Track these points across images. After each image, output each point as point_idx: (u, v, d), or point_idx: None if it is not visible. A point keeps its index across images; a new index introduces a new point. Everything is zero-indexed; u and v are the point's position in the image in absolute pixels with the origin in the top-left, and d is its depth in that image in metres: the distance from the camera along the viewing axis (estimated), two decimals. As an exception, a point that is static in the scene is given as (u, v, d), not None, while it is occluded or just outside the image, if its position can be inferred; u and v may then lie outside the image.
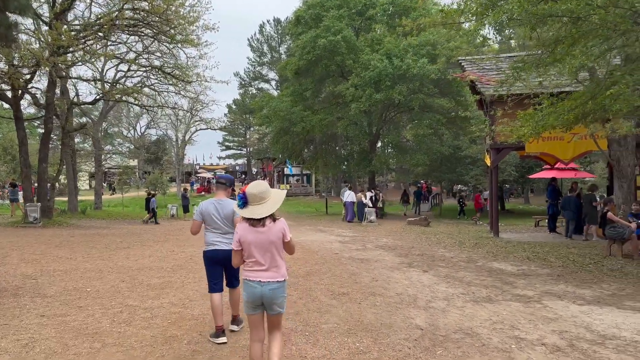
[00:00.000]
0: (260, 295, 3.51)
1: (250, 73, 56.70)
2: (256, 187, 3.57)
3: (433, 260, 9.43)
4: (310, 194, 45.82)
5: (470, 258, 9.71)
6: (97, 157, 26.78)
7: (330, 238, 13.88)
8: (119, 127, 65.64)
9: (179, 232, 16.61)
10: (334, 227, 18.41)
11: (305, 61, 24.60)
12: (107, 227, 18.42)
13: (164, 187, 37.43)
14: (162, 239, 13.83)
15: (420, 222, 20.46)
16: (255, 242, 3.52)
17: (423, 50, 23.16)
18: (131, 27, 17.52)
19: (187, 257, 9.76)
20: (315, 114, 25.73)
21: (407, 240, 13.44)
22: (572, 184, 15.88)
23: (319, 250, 10.93)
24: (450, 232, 16.52)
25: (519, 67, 8.29)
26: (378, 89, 22.88)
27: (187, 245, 12.02)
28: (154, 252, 10.77)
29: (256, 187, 3.58)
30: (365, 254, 10.20)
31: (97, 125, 26.26)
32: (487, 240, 12.95)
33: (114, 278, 7.66)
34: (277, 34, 54.53)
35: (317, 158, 30.49)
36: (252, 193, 3.53)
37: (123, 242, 13.00)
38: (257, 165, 72.20)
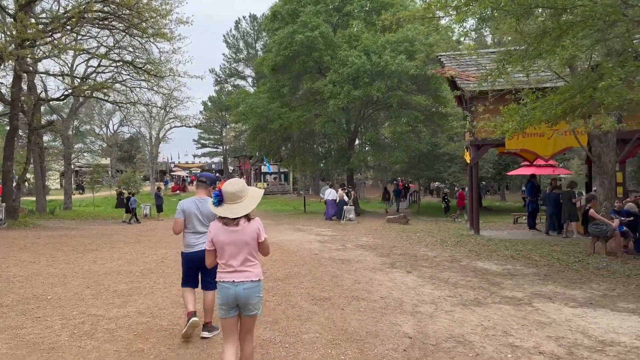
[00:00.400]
0: (234, 295, 3.38)
1: (226, 69, 55.76)
2: (233, 185, 3.46)
3: (416, 260, 9.14)
4: (288, 192, 45.36)
5: (454, 257, 9.46)
6: (67, 155, 25.77)
7: (309, 237, 13.50)
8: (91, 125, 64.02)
9: (151, 232, 15.99)
10: (312, 226, 18.04)
11: (282, 57, 24.13)
12: (77, 228, 17.65)
13: (137, 186, 36.41)
14: (133, 240, 13.22)
15: (400, 220, 20.26)
16: (229, 242, 3.41)
17: (401, 47, 22.94)
18: (101, 20, 16.77)
19: (158, 260, 9.24)
20: (292, 111, 25.29)
21: (387, 239, 13.16)
22: (551, 181, 15.87)
23: (297, 250, 10.54)
24: (430, 229, 16.33)
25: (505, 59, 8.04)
26: (356, 85, 22.58)
27: (159, 247, 11.47)
28: (123, 254, 10.20)
29: (233, 185, 3.46)
30: (345, 254, 9.85)
31: (66, 123, 25.25)
32: (469, 239, 12.76)
33: (79, 284, 7.12)
34: (253, 30, 53.73)
35: (295, 156, 30.07)
36: (228, 191, 3.41)
37: (92, 244, 12.37)
38: (234, 163, 71.25)
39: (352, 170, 27.43)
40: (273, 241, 12.36)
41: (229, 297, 3.39)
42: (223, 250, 3.43)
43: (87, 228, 17.60)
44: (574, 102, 7.01)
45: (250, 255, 3.45)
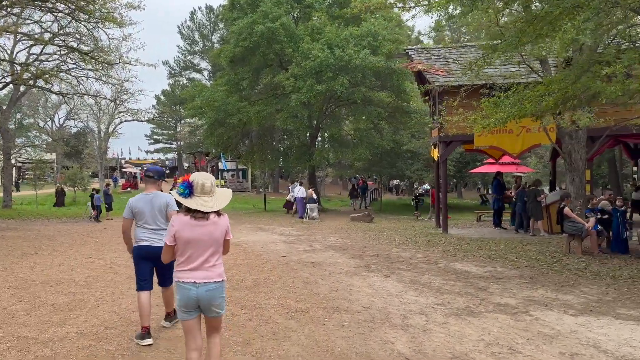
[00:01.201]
0: (195, 298, 3.16)
1: (181, 62, 53.77)
2: (206, 178, 3.25)
3: (391, 262, 8.56)
4: (246, 190, 44.19)
5: (429, 258, 8.95)
6: (6, 149, 23.72)
7: (273, 238, 12.72)
8: (35, 118, 60.48)
9: (99, 233, 14.73)
10: (275, 225, 17.25)
11: (241, 48, 23.10)
12: (15, 228, 16.10)
13: (84, 183, 34.27)
14: (78, 242, 12.02)
15: (364, 218, 19.79)
16: (195, 238, 3.17)
17: (365, 41, 22.43)
18: (43, 1, 15.29)
19: (105, 266, 8.23)
20: (252, 105, 24.33)
21: (355, 238, 12.57)
22: (516, 179, 15.79)
23: (263, 252, 9.75)
24: (396, 228, 15.91)
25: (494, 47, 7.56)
26: (319, 80, 21.89)
27: (107, 250, 10.39)
28: (66, 259, 9.10)
29: (205, 178, 3.26)
30: (315, 256, 9.16)
31: (5, 114, 23.22)
32: (439, 237, 12.36)
33: (10, 296, 6.08)
34: (209, 22, 52.01)
35: (254, 152, 29.07)
36: (201, 183, 3.19)
37: (31, 246, 11.10)
38: (189, 159, 69.14)
39: (314, 167, 26.75)
40: (235, 242, 11.50)
41: (189, 299, 3.16)
42: (186, 247, 3.18)
43: (27, 228, 16.08)
44: (567, 93, 6.63)
45: (214, 254, 3.24)
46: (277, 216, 22.10)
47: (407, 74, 23.64)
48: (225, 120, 24.23)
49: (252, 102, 24.86)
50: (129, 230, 4.72)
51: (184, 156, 72.31)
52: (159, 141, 71.26)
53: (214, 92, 25.12)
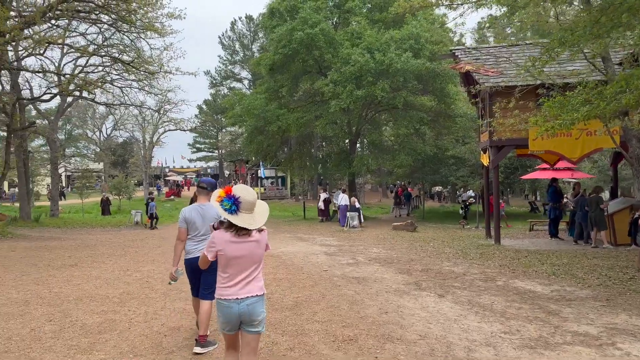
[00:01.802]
0: (237, 314, 3.14)
1: (222, 72, 54.43)
2: (250, 194, 3.23)
3: (443, 278, 7.86)
4: (285, 197, 44.02)
5: (486, 274, 8.19)
6: (53, 159, 24.34)
7: (314, 249, 12.21)
8: (83, 129, 62.72)
9: (140, 242, 14.65)
10: (314, 234, 16.75)
11: (280, 56, 22.89)
12: (60, 237, 16.28)
13: (129, 191, 34.95)
14: (118, 253, 11.89)
15: (407, 227, 19.00)
16: (238, 255, 3.14)
17: (406, 45, 21.74)
18: (86, 12, 15.46)
19: (142, 280, 7.92)
20: (291, 112, 24.04)
21: (400, 250, 11.89)
22: (574, 185, 14.69)
23: (304, 265, 9.24)
24: (443, 238, 15.09)
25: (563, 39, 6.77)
26: (359, 85, 21.37)
27: (146, 262, 10.15)
28: (103, 271, 8.88)
29: (250, 193, 3.23)
30: (360, 271, 8.56)
31: (53, 125, 23.86)
32: (492, 250, 11.50)
33: (41, 315, 5.80)
34: (249, 32, 52.50)
35: (293, 160, 28.79)
36: (247, 200, 3.17)
37: (72, 257, 11.03)
38: (230, 167, 69.90)
39: (353, 175, 26.16)
40: (275, 253, 11.06)
41: (231, 317, 3.15)
42: (228, 265, 3.16)
43: (71, 238, 16.22)
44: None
45: (256, 268, 3.22)
46: (317, 224, 21.62)
47: (451, 77, 22.79)
48: (265, 127, 24.06)
49: (291, 110, 24.59)
50: (184, 240, 4.71)
51: (224, 164, 73.20)
52: (201, 150, 72.40)
53: (253, 100, 25.02)
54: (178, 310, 5.92)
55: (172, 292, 6.86)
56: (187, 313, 5.74)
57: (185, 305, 6.09)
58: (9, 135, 16.15)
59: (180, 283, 7.20)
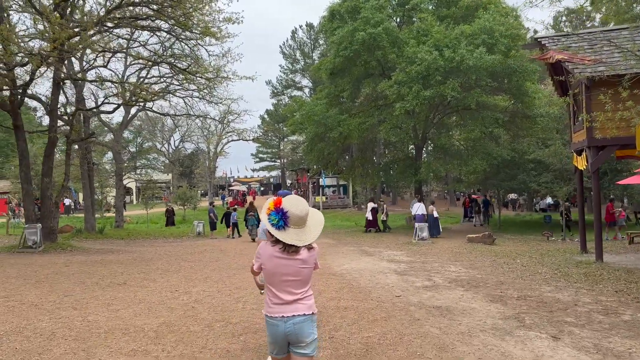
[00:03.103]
0: (283, 333, 2.91)
1: (283, 81, 54.40)
2: (300, 207, 2.92)
3: (549, 309, 6.29)
4: (347, 206, 42.75)
5: (603, 304, 6.51)
6: (118, 171, 24.64)
7: (381, 265, 10.86)
8: (153, 142, 65.16)
9: (199, 255, 13.96)
10: (380, 247, 15.37)
11: (341, 58, 21.81)
12: (119, 250, 15.99)
13: (194, 201, 35.15)
14: (173, 268, 11.16)
15: (483, 239, 17.16)
16: (283, 272, 2.92)
17: (478, 40, 19.93)
18: (143, 19, 15.14)
19: (188, 305, 6.95)
20: (353, 117, 22.86)
21: (483, 268, 10.28)
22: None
23: (372, 289, 7.93)
24: (529, 253, 13.23)
25: None
26: (426, 85, 19.80)
27: (199, 279, 9.26)
28: (150, 292, 8.05)
29: (300, 206, 2.93)
30: (440, 297, 7.14)
31: (117, 137, 24.17)
32: (596, 269, 9.63)
33: (62, 353, 4.90)
34: (309, 39, 52.10)
35: (355, 167, 27.53)
36: (296, 214, 2.89)
37: (124, 274, 10.40)
38: (292, 176, 69.91)
39: (420, 182, 24.48)
40: (338, 271, 9.85)
41: (277, 336, 2.95)
42: (274, 280, 2.96)
43: (130, 250, 15.88)
44: None
45: (304, 286, 2.98)
46: (382, 236, 20.19)
47: (529, 73, 20.68)
48: (326, 134, 23.03)
49: (352, 115, 23.43)
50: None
51: (287, 173, 73.38)
52: (263, 159, 73.11)
53: (314, 107, 24.09)
54: (221, 352, 4.81)
55: (218, 325, 5.81)
56: (232, 356, 4.64)
57: (230, 344, 5.00)
58: (69, 147, 16.11)
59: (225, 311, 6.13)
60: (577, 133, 12.31)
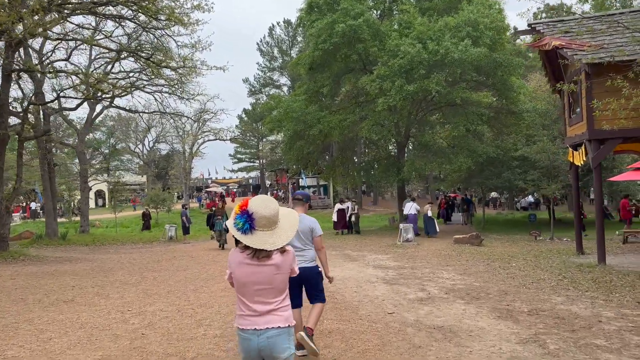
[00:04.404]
0: (257, 348, 2.64)
1: (261, 79, 53.01)
2: (268, 208, 2.65)
3: (570, 328, 5.30)
4: (328, 207, 41.72)
5: (630, 319, 5.56)
6: (82, 172, 23.06)
7: (367, 273, 9.81)
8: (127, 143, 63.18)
9: (166, 264, 12.69)
10: (364, 251, 14.35)
11: (320, 52, 20.70)
12: (79, 258, 14.60)
13: (168, 204, 33.58)
14: (134, 280, 9.90)
15: (471, 240, 16.31)
16: (255, 281, 2.64)
17: (463, 32, 19.08)
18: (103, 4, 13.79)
19: (138, 331, 5.75)
20: (333, 114, 21.82)
21: (479, 274, 9.32)
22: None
23: (359, 304, 6.85)
24: (522, 255, 12.37)
25: None
26: (410, 79, 18.88)
27: (160, 294, 8.05)
28: (99, 311, 6.82)
29: (268, 207, 2.65)
30: (440, 314, 6.10)
31: (81, 136, 22.60)
32: (602, 273, 8.75)
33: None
34: (288, 37, 50.85)
35: (335, 167, 26.49)
36: (263, 215, 2.62)
37: (75, 287, 9.12)
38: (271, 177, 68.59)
39: (403, 182, 23.57)
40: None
41: (250, 351, 2.65)
42: (244, 290, 2.67)
43: (91, 258, 14.51)
44: None
45: (279, 295, 2.69)
46: (365, 237, 19.19)
47: (514, 67, 19.92)
48: (305, 132, 21.94)
49: (333, 112, 22.39)
50: None
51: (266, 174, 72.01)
52: (242, 160, 71.54)
53: (292, 103, 22.98)
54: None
55: None
56: None
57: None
58: (20, 145, 14.63)
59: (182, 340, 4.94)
60: (574, 126, 11.47)
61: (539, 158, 19.10)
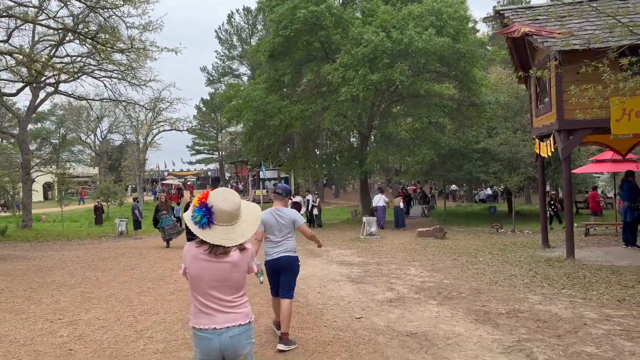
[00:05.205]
0: (218, 348, 2.48)
1: (219, 68, 51.39)
2: (229, 202, 2.49)
3: (554, 332, 4.83)
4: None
5: (615, 322, 5.16)
6: (25, 163, 21.36)
7: (331, 270, 9.20)
8: (78, 133, 60.26)
9: (112, 262, 11.65)
10: (327, 245, 13.78)
11: (281, 38, 19.85)
12: (17, 256, 13.33)
13: (119, 197, 31.91)
14: (73, 281, 8.90)
15: (434, 233, 16.03)
16: (207, 277, 2.48)
17: (426, 21, 18.69)
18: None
19: (66, 345, 4.89)
20: (295, 104, 21.05)
21: (447, 270, 8.88)
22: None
23: (324, 307, 6.21)
24: (487, 248, 12.12)
25: None
26: (374, 68, 18.37)
27: (100, 298, 7.14)
28: (25, 320, 5.90)
29: (228, 201, 2.49)
30: (412, 317, 5.54)
31: (23, 125, 20.88)
32: (574, 268, 8.46)
33: None
34: (247, 25, 49.46)
35: (297, 159, 25.79)
36: (222, 210, 2.46)
37: (4, 291, 8.10)
38: (231, 169, 67.13)
39: (366, 174, 23.15)
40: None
41: (211, 351, 2.48)
42: (200, 287, 2.50)
43: (30, 256, 13.26)
44: None
45: (237, 293, 2.55)
46: (327, 231, 18.62)
47: (477, 58, 19.71)
48: (265, 122, 21.07)
49: (294, 102, 21.62)
50: (261, 240, 4.89)
51: (225, 166, 70.43)
52: (200, 152, 69.69)
53: (252, 91, 22.05)
54: None
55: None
56: None
57: None
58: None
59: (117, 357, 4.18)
60: (542, 116, 11.20)
61: (500, 150, 19.04)
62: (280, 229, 4.78)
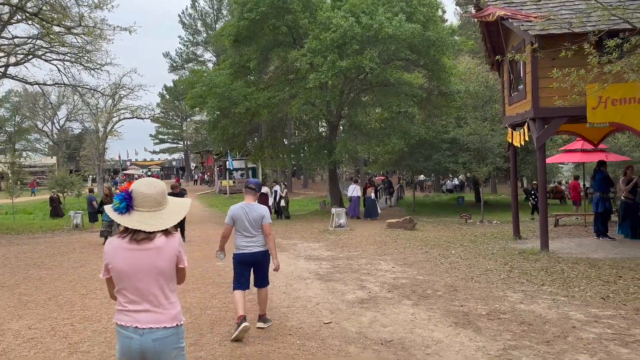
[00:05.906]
0: (139, 350, 2.29)
1: (183, 54, 49.74)
2: (152, 187, 2.42)
3: (542, 336, 4.40)
4: (256, 190, 40.14)
5: (604, 322, 4.78)
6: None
7: (298, 266, 8.62)
8: (34, 121, 57.55)
9: (61, 258, 10.73)
10: (294, 238, 13.21)
11: (246, 22, 18.98)
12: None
13: (77, 187, 30.38)
14: (13, 281, 8.03)
15: (404, 224, 15.64)
16: (133, 268, 2.33)
17: (396, 7, 18.21)
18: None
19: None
20: (261, 91, 20.26)
21: (419, 264, 8.44)
22: (626, 169, 11.53)
23: (289, 310, 5.62)
24: (458, 240, 11.81)
25: None
26: (343, 54, 17.78)
27: (39, 302, 6.34)
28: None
29: (151, 186, 2.42)
30: (386, 321, 5.02)
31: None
32: (551, 262, 8.15)
33: None
34: (212, 10, 47.92)
35: (264, 148, 25.02)
36: (143, 192, 2.38)
37: None
38: (196, 159, 65.54)
39: (335, 164, 22.64)
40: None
41: (131, 352, 2.31)
42: (123, 280, 2.36)
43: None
44: None
45: (164, 288, 2.38)
46: (295, 223, 18.05)
47: (447, 46, 19.36)
48: (230, 109, 20.18)
49: (261, 89, 20.81)
50: (228, 236, 5.02)
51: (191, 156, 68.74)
52: (164, 141, 67.81)
53: (215, 77, 21.07)
54: None
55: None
56: None
57: None
58: None
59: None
60: (515, 105, 10.87)
61: (470, 140, 18.82)
62: (250, 223, 4.86)
